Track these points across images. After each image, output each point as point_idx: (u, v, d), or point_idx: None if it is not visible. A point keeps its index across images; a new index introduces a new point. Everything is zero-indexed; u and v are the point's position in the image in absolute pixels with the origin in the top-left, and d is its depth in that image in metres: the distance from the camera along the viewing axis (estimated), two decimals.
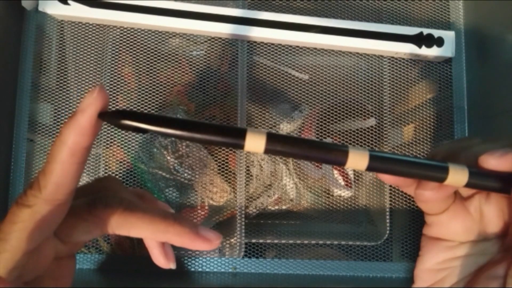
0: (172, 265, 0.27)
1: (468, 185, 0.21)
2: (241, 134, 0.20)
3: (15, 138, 0.45)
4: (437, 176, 0.21)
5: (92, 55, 0.47)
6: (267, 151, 0.20)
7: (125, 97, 0.48)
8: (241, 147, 0.20)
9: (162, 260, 0.26)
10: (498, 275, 0.22)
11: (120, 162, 0.47)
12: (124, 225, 0.23)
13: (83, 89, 0.47)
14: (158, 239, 0.25)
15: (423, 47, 0.45)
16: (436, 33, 0.46)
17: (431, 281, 0.25)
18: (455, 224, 0.24)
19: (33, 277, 0.22)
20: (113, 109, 0.21)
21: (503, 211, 0.23)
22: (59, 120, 0.46)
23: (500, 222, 0.24)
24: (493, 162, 0.21)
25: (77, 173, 0.21)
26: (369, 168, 0.21)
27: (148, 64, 0.47)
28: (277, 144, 0.20)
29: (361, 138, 0.48)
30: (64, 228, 0.23)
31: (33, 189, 0.21)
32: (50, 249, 0.23)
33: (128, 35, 0.47)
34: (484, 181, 0.22)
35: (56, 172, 0.20)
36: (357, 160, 0.21)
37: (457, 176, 0.21)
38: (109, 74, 0.48)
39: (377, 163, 0.21)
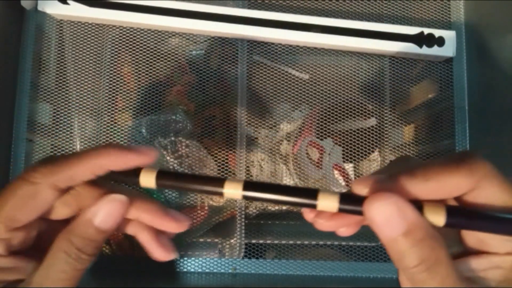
0: (173, 255, 0.26)
1: (341, 210, 0.20)
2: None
3: (14, 138, 0.45)
4: (307, 203, 0.20)
5: (92, 54, 0.47)
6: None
7: (124, 97, 0.48)
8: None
9: (161, 252, 0.26)
10: None
11: None
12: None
13: (82, 88, 0.47)
14: (129, 215, 0.25)
15: (424, 46, 0.45)
16: (437, 32, 0.46)
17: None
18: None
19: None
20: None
21: None
22: (58, 120, 0.46)
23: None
24: (356, 187, 0.20)
25: (90, 178, 0.22)
26: (245, 197, 0.21)
27: (147, 64, 0.47)
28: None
29: (361, 138, 0.48)
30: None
31: (43, 170, 0.22)
32: (32, 230, 0.23)
33: (128, 34, 0.47)
34: (357, 206, 0.20)
35: (76, 169, 0.22)
36: (233, 187, 0.21)
37: (327, 202, 0.20)
38: (108, 73, 0.48)
39: (251, 191, 0.21)
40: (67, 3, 0.44)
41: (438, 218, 0.19)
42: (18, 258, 0.23)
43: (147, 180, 0.22)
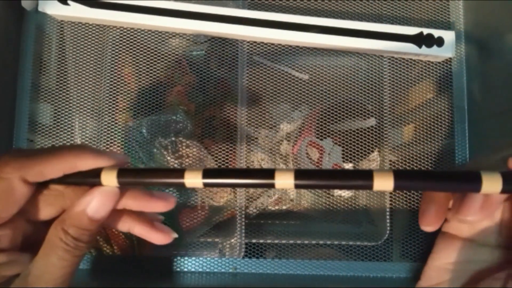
0: (173, 235, 0.27)
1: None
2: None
3: (15, 138, 0.45)
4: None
5: (92, 55, 0.47)
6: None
7: (125, 97, 0.48)
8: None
9: (160, 236, 0.26)
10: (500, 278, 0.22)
11: None
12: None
13: (83, 89, 0.47)
14: (118, 206, 0.25)
15: (423, 47, 0.45)
16: (436, 33, 0.46)
17: (437, 280, 0.25)
18: (481, 223, 0.24)
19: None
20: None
21: None
22: (59, 120, 0.46)
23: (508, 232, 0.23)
24: None
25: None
26: (206, 184, 0.22)
27: (148, 64, 0.47)
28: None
29: (361, 138, 0.48)
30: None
31: (14, 164, 0.22)
32: (18, 229, 0.23)
33: (128, 35, 0.47)
34: None
35: (48, 166, 0.22)
36: (193, 177, 0.22)
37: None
38: (109, 74, 0.48)
39: (212, 178, 0.21)
40: (67, 4, 0.44)
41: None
42: (11, 253, 0.23)
43: (109, 179, 0.22)
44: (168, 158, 0.46)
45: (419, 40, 0.45)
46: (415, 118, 0.50)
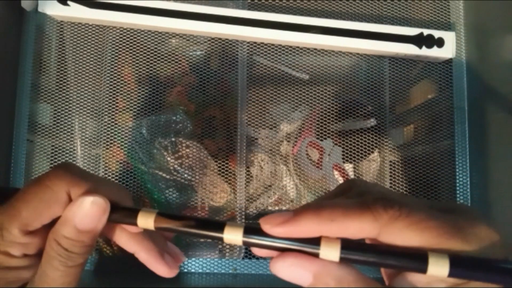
0: (175, 271, 0.27)
1: (245, 243, 0.21)
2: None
3: (15, 139, 0.45)
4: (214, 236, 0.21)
5: (92, 55, 0.47)
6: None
7: (124, 97, 0.48)
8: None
9: (166, 270, 0.26)
10: None
11: (120, 162, 0.47)
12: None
13: (83, 89, 0.47)
14: (129, 249, 0.25)
15: (424, 47, 0.45)
16: (437, 33, 0.46)
17: None
18: None
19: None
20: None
21: None
22: (58, 120, 0.46)
23: None
24: (264, 226, 0.20)
25: None
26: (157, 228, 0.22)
27: (148, 65, 0.47)
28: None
29: (361, 139, 0.48)
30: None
31: (65, 178, 0.22)
32: (45, 238, 0.23)
33: (128, 35, 0.47)
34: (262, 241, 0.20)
35: (91, 189, 0.23)
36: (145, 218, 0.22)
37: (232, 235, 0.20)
38: (108, 74, 0.48)
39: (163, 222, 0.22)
40: (67, 4, 0.44)
41: (334, 254, 0.20)
42: (33, 258, 0.23)
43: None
44: (168, 158, 0.46)
45: (419, 40, 0.45)
46: (415, 118, 0.50)
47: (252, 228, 0.21)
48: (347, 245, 0.20)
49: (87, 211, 0.22)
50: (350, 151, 0.48)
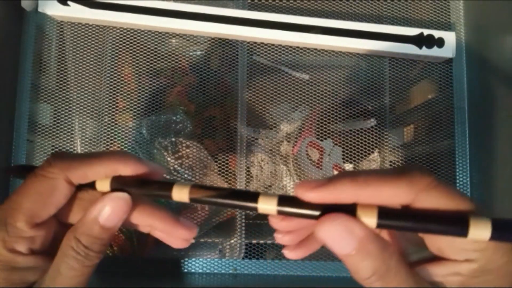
0: (194, 233, 0.26)
1: (280, 212, 0.20)
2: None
3: (15, 139, 0.45)
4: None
5: (92, 55, 0.47)
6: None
7: (125, 97, 0.48)
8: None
9: (179, 242, 0.25)
10: None
11: None
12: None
13: (83, 89, 0.47)
14: (143, 222, 0.25)
15: (424, 47, 0.45)
16: (437, 33, 0.46)
17: None
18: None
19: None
20: None
21: None
22: (58, 120, 0.46)
23: None
24: (298, 190, 0.20)
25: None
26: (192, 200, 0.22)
27: (148, 65, 0.47)
28: None
29: (361, 139, 0.48)
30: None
31: (60, 165, 0.22)
32: (51, 231, 0.23)
33: (128, 35, 0.47)
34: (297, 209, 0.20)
35: (92, 168, 0.22)
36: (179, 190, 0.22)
37: (266, 206, 0.20)
38: (109, 74, 0.48)
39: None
40: (67, 5, 0.44)
41: (371, 220, 0.19)
42: (38, 258, 0.23)
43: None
44: (168, 158, 0.46)
45: (419, 41, 0.45)
46: (415, 118, 0.50)
47: (286, 197, 0.20)
48: (384, 211, 0.19)
49: (113, 207, 0.22)
50: (350, 151, 0.48)
